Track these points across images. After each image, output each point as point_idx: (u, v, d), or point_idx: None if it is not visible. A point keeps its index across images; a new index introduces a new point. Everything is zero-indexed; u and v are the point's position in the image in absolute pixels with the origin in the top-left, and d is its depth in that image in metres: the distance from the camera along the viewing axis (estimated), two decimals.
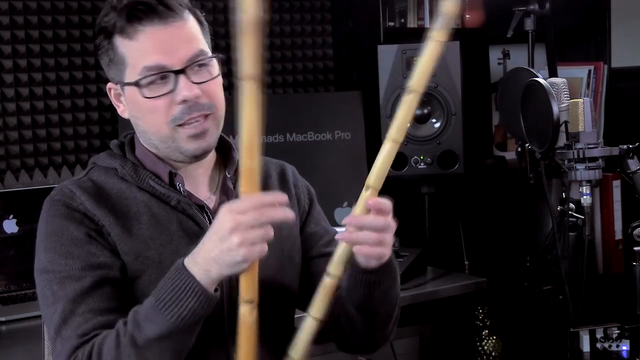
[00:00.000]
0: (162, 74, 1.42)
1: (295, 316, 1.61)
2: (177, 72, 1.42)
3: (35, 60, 2.74)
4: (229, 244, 1.24)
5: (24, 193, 2.51)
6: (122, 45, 1.43)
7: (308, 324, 1.36)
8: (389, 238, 1.36)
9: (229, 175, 1.54)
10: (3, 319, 2.29)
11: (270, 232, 1.25)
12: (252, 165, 1.25)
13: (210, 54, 1.48)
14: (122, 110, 1.51)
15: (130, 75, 1.44)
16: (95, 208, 1.44)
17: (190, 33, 1.45)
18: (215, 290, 1.31)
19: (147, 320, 1.30)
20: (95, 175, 1.51)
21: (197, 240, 1.46)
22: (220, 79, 1.50)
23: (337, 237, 1.39)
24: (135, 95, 1.44)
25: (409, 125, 1.34)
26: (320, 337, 1.35)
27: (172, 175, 1.49)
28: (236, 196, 1.51)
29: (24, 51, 2.72)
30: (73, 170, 2.77)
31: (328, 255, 1.49)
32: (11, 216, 2.46)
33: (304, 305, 1.42)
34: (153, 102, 1.43)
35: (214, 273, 1.27)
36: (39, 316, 1.76)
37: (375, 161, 1.33)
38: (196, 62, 1.44)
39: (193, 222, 1.48)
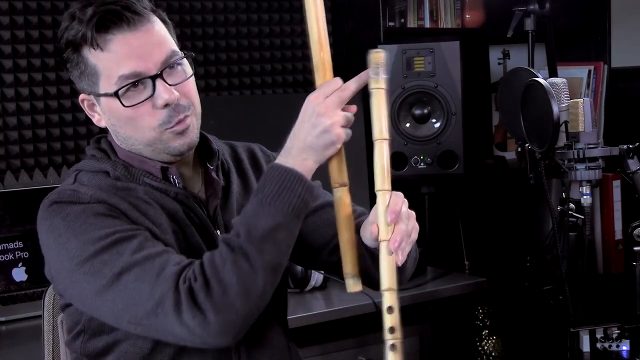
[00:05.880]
0: (139, 80, 1.41)
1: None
2: (154, 77, 1.42)
3: (35, 60, 2.74)
4: (323, 127, 1.34)
5: (24, 193, 2.51)
6: (93, 56, 1.42)
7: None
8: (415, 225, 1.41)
9: (211, 167, 1.54)
10: (3, 319, 2.29)
11: (350, 115, 1.38)
12: (324, 56, 1.40)
13: (180, 52, 1.47)
14: (98, 120, 1.49)
15: (105, 86, 1.43)
16: (107, 197, 1.40)
17: (160, 35, 1.45)
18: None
19: (258, 216, 1.32)
20: (86, 179, 1.47)
21: (200, 232, 1.47)
22: (193, 77, 1.49)
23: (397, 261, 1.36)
24: (114, 105, 1.43)
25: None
26: (320, 338, 1.35)
27: (165, 170, 1.48)
28: (222, 187, 1.53)
29: (24, 51, 2.72)
30: None
31: (316, 210, 1.57)
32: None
33: (308, 262, 1.47)
34: (134, 110, 1.42)
35: (310, 160, 1.36)
36: (39, 316, 1.76)
37: (375, 166, 1.37)
38: (170, 64, 1.44)
39: (193, 213, 1.49)
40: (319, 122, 1.35)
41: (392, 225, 1.32)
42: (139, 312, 1.32)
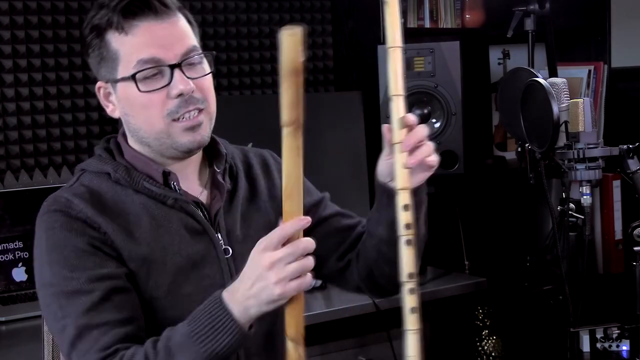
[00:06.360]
0: (158, 67, 1.42)
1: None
2: (172, 67, 1.43)
3: (35, 60, 2.74)
4: (266, 282, 1.26)
5: (24, 193, 2.51)
6: (116, 40, 1.43)
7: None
8: (427, 149, 1.38)
9: (218, 170, 1.54)
10: (3, 319, 2.29)
11: (310, 263, 1.27)
12: (292, 208, 1.27)
13: (201, 50, 1.49)
14: (112, 110, 1.50)
15: (124, 71, 1.44)
16: (95, 215, 1.42)
17: (183, 30, 1.47)
18: (250, 327, 1.31)
19: (180, 350, 1.30)
20: (87, 180, 1.49)
21: (198, 237, 1.47)
22: (211, 77, 1.50)
23: (409, 163, 1.35)
24: (129, 91, 1.44)
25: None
26: (320, 338, 1.35)
27: (166, 175, 1.49)
28: (227, 190, 1.54)
29: (24, 51, 2.72)
30: (73, 170, 2.76)
31: (326, 218, 1.57)
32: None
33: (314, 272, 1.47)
34: (148, 97, 1.43)
35: (252, 310, 1.28)
36: (39, 316, 1.76)
37: (389, 72, 1.33)
38: (190, 58, 1.45)
39: (192, 219, 1.49)
40: (263, 277, 1.26)
41: (405, 130, 1.33)
42: None
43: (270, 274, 1.25)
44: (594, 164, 2.44)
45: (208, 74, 1.48)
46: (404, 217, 1.30)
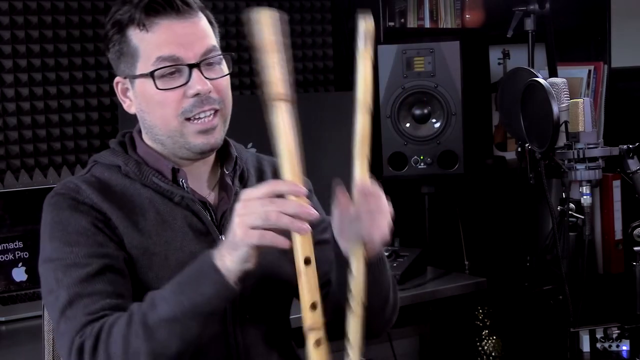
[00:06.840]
0: (176, 66, 1.43)
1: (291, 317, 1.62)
2: (191, 66, 1.44)
3: (35, 60, 2.74)
4: (232, 225, 1.26)
5: (24, 193, 2.51)
6: (136, 37, 1.45)
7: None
8: (379, 221, 1.37)
9: (227, 172, 1.55)
10: (3, 319, 2.29)
11: (284, 221, 1.23)
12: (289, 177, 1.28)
13: (220, 51, 1.50)
14: (129, 106, 1.52)
15: (143, 67, 1.45)
16: (102, 202, 1.44)
17: (204, 30, 1.48)
18: (236, 284, 1.29)
19: (163, 301, 1.30)
20: (98, 172, 1.51)
21: (202, 237, 1.48)
22: (229, 78, 1.51)
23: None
24: (147, 87, 1.45)
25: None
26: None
27: (175, 172, 1.50)
28: (235, 193, 1.54)
29: (24, 51, 2.72)
30: (73, 170, 2.77)
31: (321, 242, 1.53)
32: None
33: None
34: (164, 95, 1.44)
35: (227, 259, 1.27)
36: (39, 316, 1.75)
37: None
38: (209, 58, 1.46)
39: (197, 218, 1.49)
40: (233, 219, 1.26)
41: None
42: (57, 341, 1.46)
43: (236, 217, 1.25)
44: (594, 164, 2.44)
45: (226, 75, 1.49)
46: (352, 285, 1.33)
